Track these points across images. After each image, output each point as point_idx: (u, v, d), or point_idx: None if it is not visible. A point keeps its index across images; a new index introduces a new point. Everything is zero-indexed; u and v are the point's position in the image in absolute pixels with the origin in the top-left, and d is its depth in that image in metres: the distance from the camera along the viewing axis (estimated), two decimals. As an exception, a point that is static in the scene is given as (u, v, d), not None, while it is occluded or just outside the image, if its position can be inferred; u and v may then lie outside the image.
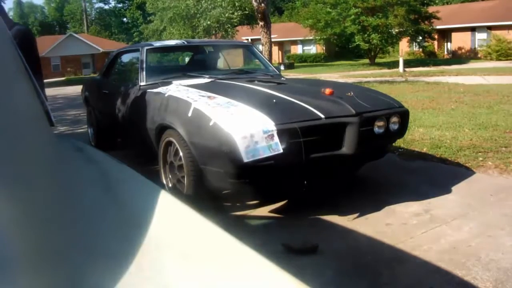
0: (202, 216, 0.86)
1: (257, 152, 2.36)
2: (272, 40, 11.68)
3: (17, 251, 0.62)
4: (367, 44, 23.11)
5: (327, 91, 2.84)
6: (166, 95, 3.08)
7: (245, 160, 2.35)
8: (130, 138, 4.04)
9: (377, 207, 2.82)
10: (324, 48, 33.33)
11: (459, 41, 28.70)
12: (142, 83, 3.56)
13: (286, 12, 44.07)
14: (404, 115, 3.01)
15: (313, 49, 34.72)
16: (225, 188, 2.82)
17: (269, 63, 4.55)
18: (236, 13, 23.57)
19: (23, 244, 0.64)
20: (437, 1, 35.35)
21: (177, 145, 2.78)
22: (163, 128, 2.99)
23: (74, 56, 34.61)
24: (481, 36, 27.36)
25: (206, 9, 22.88)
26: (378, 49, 24.53)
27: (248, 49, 4.79)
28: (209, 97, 2.82)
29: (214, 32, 23.78)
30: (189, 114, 2.68)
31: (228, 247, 0.77)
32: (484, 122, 5.34)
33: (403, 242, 2.32)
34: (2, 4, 3.06)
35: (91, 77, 10.80)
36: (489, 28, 26.45)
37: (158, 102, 3.12)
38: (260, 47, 11.25)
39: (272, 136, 2.37)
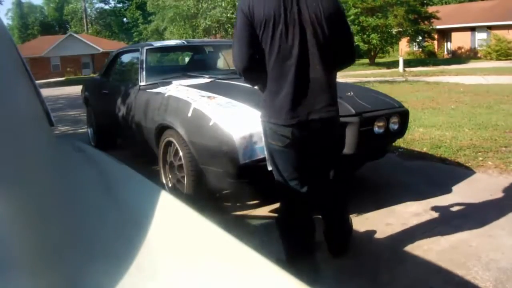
0: (202, 216, 0.86)
1: (254, 152, 2.36)
2: (272, 40, 11.66)
3: (17, 251, 0.62)
4: (366, 45, 23.11)
5: (327, 91, 2.83)
6: (166, 95, 3.08)
7: (242, 161, 2.35)
8: (130, 138, 4.04)
9: (377, 207, 2.82)
10: (324, 48, 33.28)
11: (459, 41, 28.71)
12: (142, 83, 3.56)
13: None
14: (404, 115, 3.01)
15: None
16: (224, 188, 2.82)
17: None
18: (236, 13, 23.55)
19: (23, 244, 0.64)
20: (436, 1, 35.34)
21: (177, 145, 2.78)
22: (163, 128, 2.99)
23: (74, 56, 34.62)
24: (481, 36, 27.37)
25: (206, 9, 22.89)
26: (377, 49, 24.54)
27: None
28: (209, 97, 2.82)
29: (214, 32, 23.78)
30: (189, 114, 2.68)
31: (228, 247, 0.77)
32: (484, 122, 5.35)
33: (403, 242, 2.32)
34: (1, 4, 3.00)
35: (91, 77, 10.80)
36: (489, 28, 26.45)
37: (158, 102, 3.12)
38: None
39: None
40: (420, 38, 26.04)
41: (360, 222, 2.62)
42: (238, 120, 2.47)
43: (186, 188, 2.74)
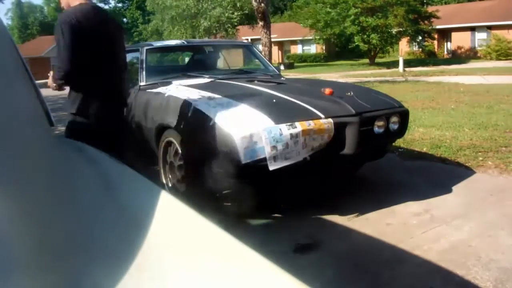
0: (202, 216, 0.86)
1: (255, 152, 2.36)
2: (272, 40, 11.68)
3: (17, 251, 0.62)
4: (366, 45, 23.11)
5: (327, 91, 2.84)
6: (166, 95, 3.08)
7: (244, 161, 2.35)
8: (130, 138, 4.03)
9: (377, 207, 2.82)
10: (324, 48, 33.32)
11: (459, 40, 28.71)
12: (142, 83, 3.56)
13: (289, 12, 43.95)
14: (404, 115, 3.01)
15: (312, 49, 34.70)
16: (225, 188, 2.82)
17: (269, 63, 4.55)
18: (236, 13, 23.59)
19: (23, 244, 0.64)
20: (436, 1, 35.33)
21: (177, 145, 2.78)
22: (163, 128, 2.99)
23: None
24: (481, 35, 27.38)
25: (207, 9, 22.89)
26: (377, 49, 24.54)
27: (248, 49, 4.78)
28: (209, 97, 2.82)
29: (214, 32, 23.79)
30: (189, 114, 2.68)
31: (228, 247, 0.77)
32: (484, 122, 5.35)
33: (403, 242, 2.32)
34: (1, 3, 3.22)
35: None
36: (489, 28, 26.45)
37: (158, 102, 3.12)
38: (260, 47, 11.26)
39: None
40: (420, 38, 26.04)
41: (360, 222, 2.62)
42: (238, 120, 2.47)
43: (186, 188, 2.74)
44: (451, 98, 8.02)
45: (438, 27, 26.02)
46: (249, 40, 24.12)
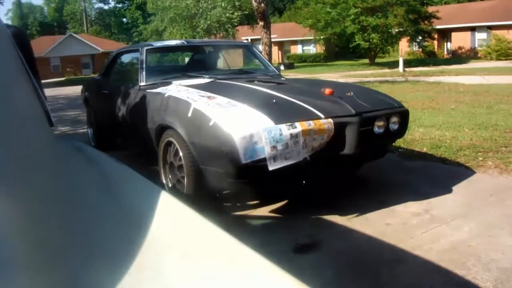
0: (202, 216, 0.86)
1: (255, 152, 2.36)
2: (272, 40, 11.68)
3: (17, 251, 0.62)
4: (367, 43, 23.11)
5: (327, 91, 2.84)
6: (166, 95, 3.08)
7: (243, 161, 2.35)
8: (130, 138, 4.04)
9: (377, 207, 2.82)
10: (324, 48, 33.32)
11: (459, 40, 28.72)
12: (142, 83, 3.56)
13: (288, 12, 43.90)
14: (404, 115, 3.01)
15: (312, 49, 34.70)
16: (225, 188, 2.82)
17: (269, 63, 4.55)
18: (236, 13, 23.61)
19: (23, 244, 0.64)
20: (436, 1, 35.34)
21: (177, 145, 2.78)
22: (163, 128, 2.99)
23: (74, 56, 34.58)
24: (481, 36, 27.38)
25: (206, 9, 22.91)
26: (378, 49, 24.53)
27: (248, 49, 4.78)
28: (209, 97, 2.82)
29: (214, 32, 23.81)
30: (189, 114, 2.68)
31: (228, 247, 0.77)
32: (484, 122, 5.35)
33: (403, 242, 2.32)
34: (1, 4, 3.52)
35: (91, 77, 10.79)
36: (489, 28, 26.46)
37: (158, 102, 3.12)
38: (260, 47, 11.26)
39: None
40: (420, 38, 26.03)
41: (360, 222, 2.62)
42: (238, 120, 2.47)
43: (186, 188, 2.74)
44: (451, 98, 8.02)
45: (438, 27, 26.01)
46: (249, 40, 24.14)
